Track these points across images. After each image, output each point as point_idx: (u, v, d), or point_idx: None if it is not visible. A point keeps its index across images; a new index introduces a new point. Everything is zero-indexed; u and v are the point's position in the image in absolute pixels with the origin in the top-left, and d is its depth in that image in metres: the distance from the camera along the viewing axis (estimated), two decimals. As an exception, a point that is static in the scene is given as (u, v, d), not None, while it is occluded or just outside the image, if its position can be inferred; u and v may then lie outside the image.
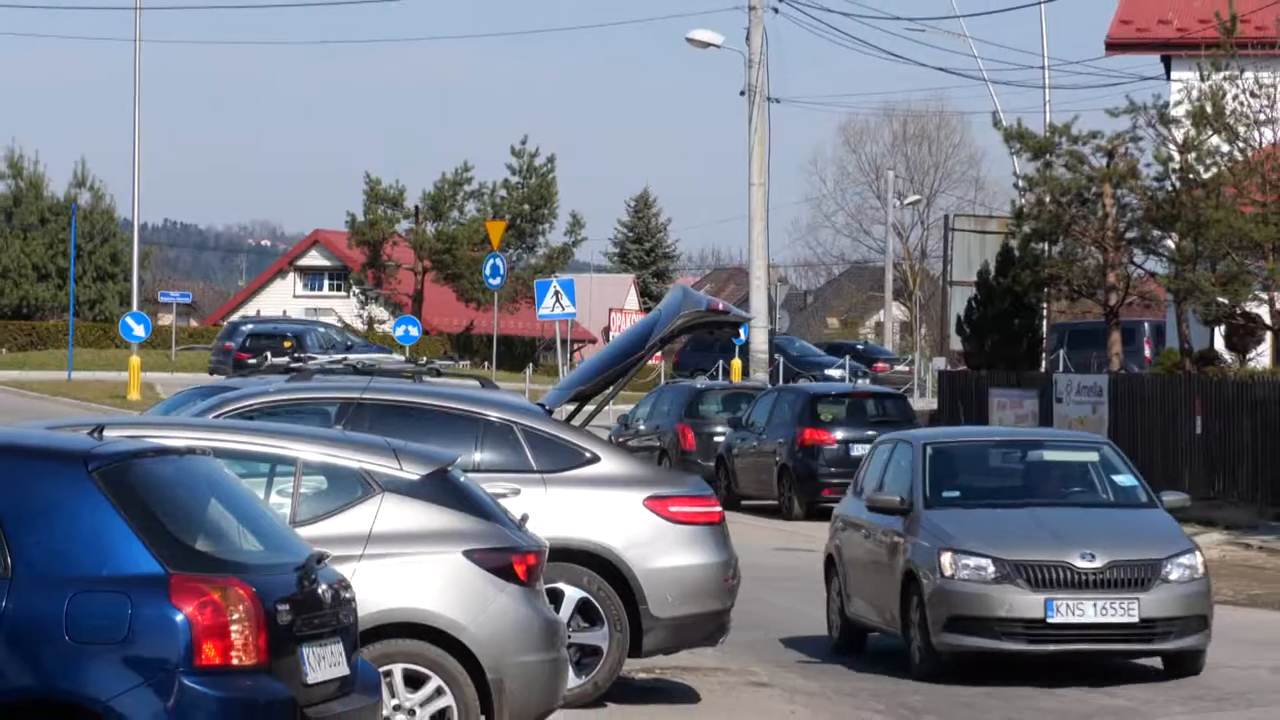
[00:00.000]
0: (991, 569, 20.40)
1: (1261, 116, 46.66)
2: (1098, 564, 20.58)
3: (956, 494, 22.45)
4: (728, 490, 41.66)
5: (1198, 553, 21.37)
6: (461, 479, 15.84)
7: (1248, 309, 46.09)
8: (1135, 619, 20.59)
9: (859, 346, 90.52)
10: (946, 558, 20.50)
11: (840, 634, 23.44)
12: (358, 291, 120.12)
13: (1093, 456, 23.78)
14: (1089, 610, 20.47)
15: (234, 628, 11.36)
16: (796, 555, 34.39)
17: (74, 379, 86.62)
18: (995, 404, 48.88)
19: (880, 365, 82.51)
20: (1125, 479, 23.10)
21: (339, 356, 26.73)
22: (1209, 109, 46.36)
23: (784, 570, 31.32)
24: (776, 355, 65.24)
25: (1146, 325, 60.26)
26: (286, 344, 71.62)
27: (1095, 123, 58.08)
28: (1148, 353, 56.55)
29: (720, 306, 22.59)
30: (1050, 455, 24.47)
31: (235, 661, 11.36)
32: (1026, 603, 20.38)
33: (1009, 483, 23.69)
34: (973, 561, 20.45)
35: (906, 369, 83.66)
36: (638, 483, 19.27)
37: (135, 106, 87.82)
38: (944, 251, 63.76)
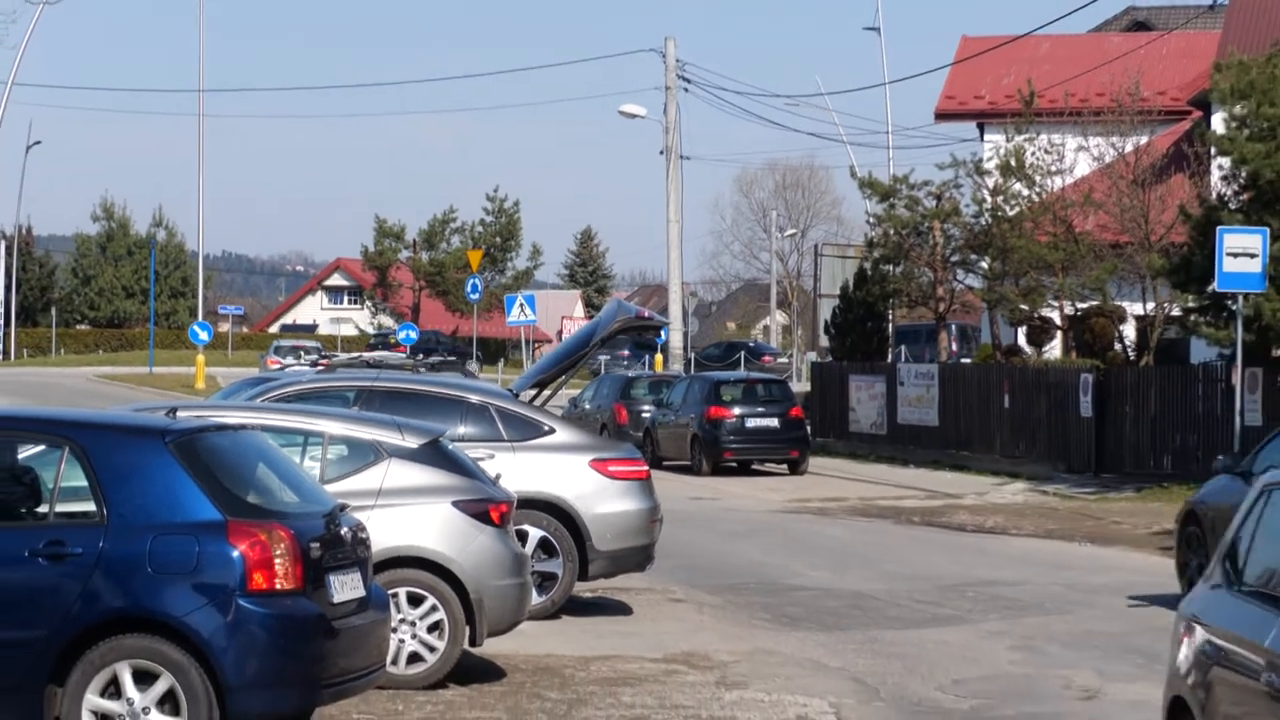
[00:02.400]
0: None
1: (1053, 169, 46.97)
2: None
3: None
4: (652, 454, 41.57)
5: None
6: (450, 447, 15.85)
7: (1043, 314, 46.34)
8: None
9: (750, 344, 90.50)
10: None
11: None
12: (370, 305, 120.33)
13: None
14: None
15: (277, 561, 11.34)
16: (705, 503, 34.44)
17: (154, 372, 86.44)
18: (854, 386, 48.93)
19: (766, 358, 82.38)
20: None
21: (354, 354, 26.83)
22: (1013, 163, 46.59)
23: (695, 514, 31.31)
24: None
25: (953, 326, 60.09)
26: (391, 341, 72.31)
27: (927, 174, 58.42)
28: (953, 346, 56.50)
29: (646, 314, 22.73)
30: None
31: (278, 586, 11.34)
32: None
33: None
34: None
35: (786, 360, 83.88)
36: (584, 449, 19.29)
37: (199, 165, 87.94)
38: (814, 272, 63.92)
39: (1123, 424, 38.50)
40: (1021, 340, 48.16)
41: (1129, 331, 44.58)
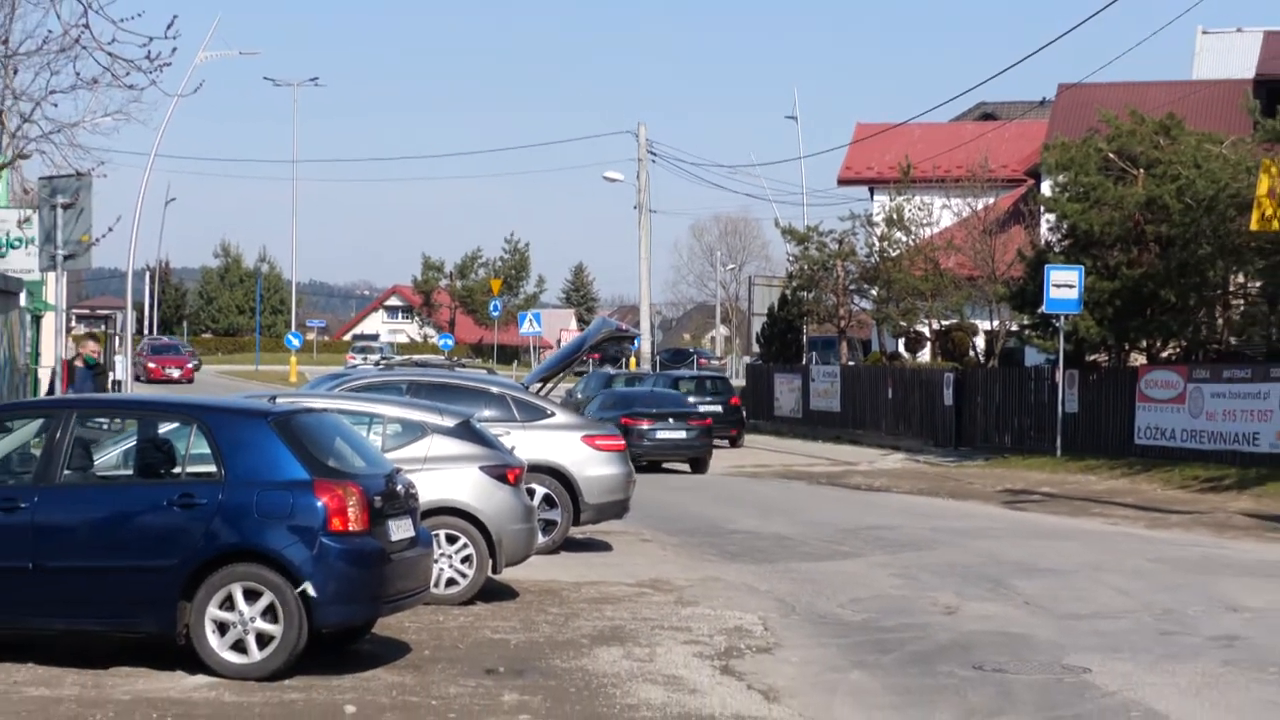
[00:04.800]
0: None
1: (924, 222, 47.15)
2: None
3: None
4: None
5: None
6: (477, 426, 15.84)
7: (917, 329, 46.46)
8: None
9: (692, 351, 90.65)
10: None
11: None
12: (418, 320, 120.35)
13: None
14: None
15: (350, 509, 11.33)
16: (667, 468, 34.45)
17: (259, 370, 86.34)
18: (778, 382, 48.99)
19: (703, 361, 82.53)
20: None
21: (406, 356, 26.77)
22: (895, 217, 46.72)
23: (659, 476, 31.35)
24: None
25: (838, 338, 59.86)
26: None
27: (832, 225, 58.37)
28: (842, 355, 56.56)
29: (624, 327, 22.88)
30: None
31: (351, 528, 11.33)
32: None
33: None
34: None
35: (719, 362, 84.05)
36: (577, 427, 19.29)
37: (294, 215, 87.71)
38: (749, 296, 63.89)
39: (975, 411, 38.61)
40: (901, 348, 48.28)
41: (980, 342, 44.76)
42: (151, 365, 68.28)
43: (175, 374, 68.76)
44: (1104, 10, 50.53)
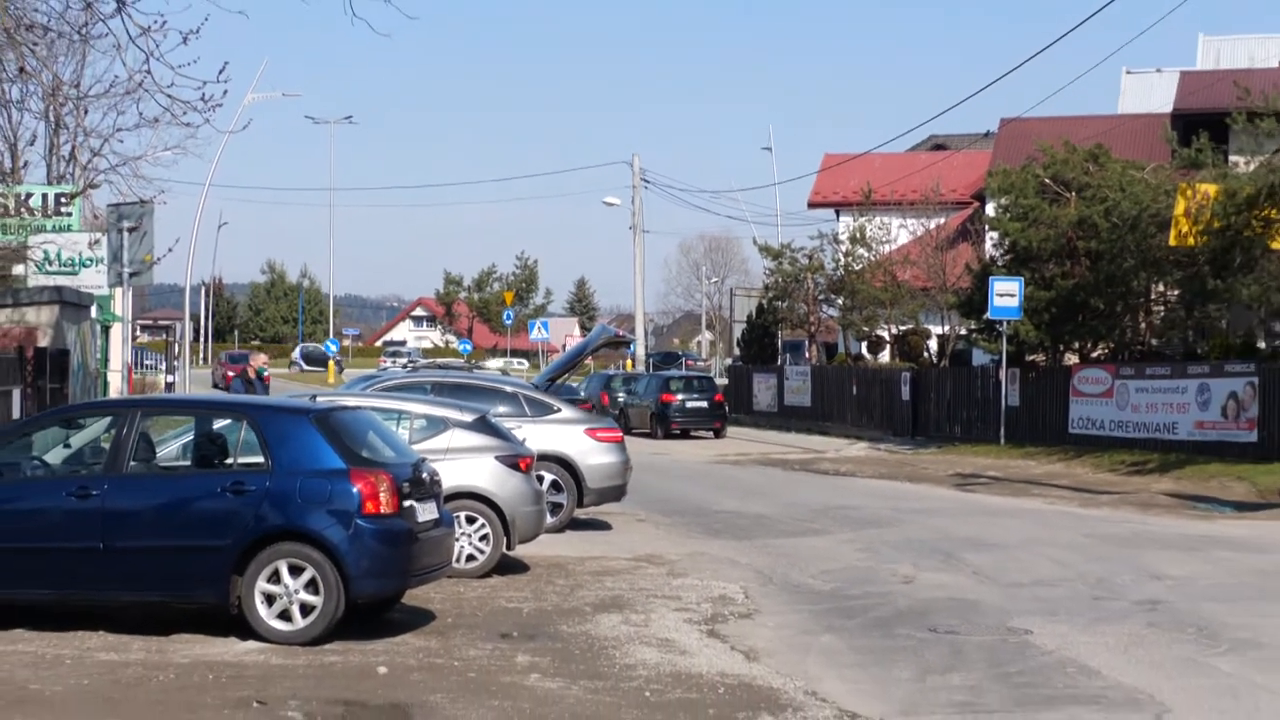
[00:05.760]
0: None
1: (883, 240, 47.17)
2: None
3: None
4: (625, 425, 41.46)
5: None
6: (493, 420, 15.83)
7: (878, 333, 46.47)
8: None
9: (681, 354, 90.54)
10: None
11: None
12: (440, 328, 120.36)
13: None
14: None
15: (382, 495, 11.31)
16: (659, 457, 34.41)
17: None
18: (756, 380, 48.97)
19: (690, 363, 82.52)
20: None
21: (428, 360, 26.74)
22: (858, 235, 46.73)
23: (653, 465, 31.28)
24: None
25: (808, 342, 59.85)
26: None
27: (803, 242, 58.18)
28: (809, 354, 56.45)
29: (621, 333, 22.89)
30: None
31: (382, 511, 11.30)
32: None
33: None
34: None
35: (704, 364, 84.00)
36: (581, 421, 19.27)
37: (330, 236, 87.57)
38: (730, 305, 63.84)
39: (929, 405, 38.62)
40: (864, 350, 48.31)
41: (933, 345, 44.79)
42: (230, 373, 70.79)
43: None
44: (1041, 53, 51.00)
